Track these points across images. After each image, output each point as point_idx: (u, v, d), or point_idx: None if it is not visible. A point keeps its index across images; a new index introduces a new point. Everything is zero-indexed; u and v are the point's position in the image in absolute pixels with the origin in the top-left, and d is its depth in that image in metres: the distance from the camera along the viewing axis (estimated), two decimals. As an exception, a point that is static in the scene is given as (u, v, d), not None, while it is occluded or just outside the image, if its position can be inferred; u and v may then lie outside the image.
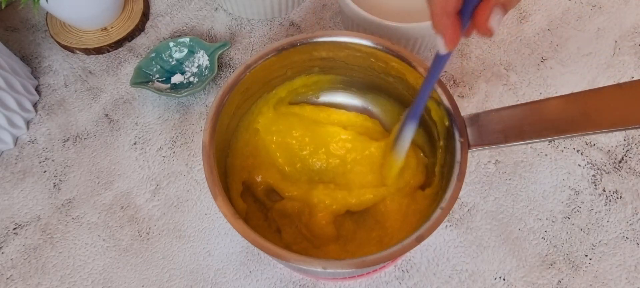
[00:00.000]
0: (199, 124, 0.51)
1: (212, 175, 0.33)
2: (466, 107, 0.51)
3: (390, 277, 0.43)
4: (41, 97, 0.53)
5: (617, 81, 0.52)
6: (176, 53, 0.54)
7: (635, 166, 0.47)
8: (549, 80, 0.53)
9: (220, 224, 0.46)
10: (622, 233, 0.44)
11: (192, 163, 0.49)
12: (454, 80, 0.53)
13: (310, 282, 0.43)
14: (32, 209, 0.47)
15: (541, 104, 0.32)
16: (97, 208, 0.47)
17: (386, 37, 0.43)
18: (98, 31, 0.56)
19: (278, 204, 0.41)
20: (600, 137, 0.49)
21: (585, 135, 0.45)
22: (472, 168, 0.48)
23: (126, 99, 0.53)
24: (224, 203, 0.32)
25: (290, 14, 0.59)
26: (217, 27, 0.58)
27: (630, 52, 0.54)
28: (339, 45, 0.39)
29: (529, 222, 0.45)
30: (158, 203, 0.47)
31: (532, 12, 0.57)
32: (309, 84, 0.44)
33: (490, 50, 0.55)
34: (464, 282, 0.43)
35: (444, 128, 0.35)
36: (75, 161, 0.49)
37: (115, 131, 0.51)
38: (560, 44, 0.55)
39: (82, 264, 0.44)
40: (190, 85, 0.52)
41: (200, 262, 0.44)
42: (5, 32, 0.58)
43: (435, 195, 0.37)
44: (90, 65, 0.56)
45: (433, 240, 0.44)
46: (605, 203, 0.46)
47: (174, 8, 0.60)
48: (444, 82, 0.35)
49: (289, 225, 0.41)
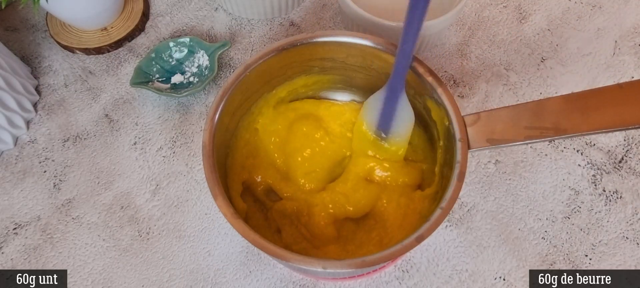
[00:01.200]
0: (199, 124, 0.51)
1: (212, 175, 0.33)
2: (466, 107, 0.51)
3: (390, 277, 0.43)
4: (41, 97, 0.53)
5: (617, 81, 0.52)
6: (176, 53, 0.54)
7: (635, 166, 0.47)
8: (549, 80, 0.53)
9: (220, 224, 0.46)
10: (622, 233, 0.44)
11: (192, 163, 0.49)
12: (454, 80, 0.53)
13: (310, 282, 0.43)
14: (32, 209, 0.47)
15: (541, 104, 0.32)
16: (97, 208, 0.47)
17: (386, 37, 0.43)
18: (98, 31, 0.56)
19: (277, 204, 0.41)
20: (600, 137, 0.49)
21: (585, 135, 0.45)
22: (472, 168, 0.48)
23: (126, 99, 0.53)
24: (224, 203, 0.32)
25: (290, 14, 0.59)
26: (217, 27, 0.58)
27: (630, 52, 0.54)
28: (339, 45, 0.39)
29: (529, 222, 0.45)
30: (158, 203, 0.47)
31: (532, 12, 0.57)
32: (309, 84, 0.44)
33: (490, 50, 0.55)
34: (464, 282, 0.43)
35: (444, 128, 0.35)
36: (75, 161, 0.49)
37: (115, 131, 0.51)
38: (560, 44, 0.55)
39: (82, 264, 0.44)
40: (190, 85, 0.52)
41: (200, 262, 0.44)
42: (5, 32, 0.58)
43: (435, 195, 0.37)
44: (90, 65, 0.56)
45: (433, 240, 0.44)
46: (605, 203, 0.46)
47: (174, 8, 0.60)
48: (444, 82, 0.35)
49: (288, 225, 0.40)
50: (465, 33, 0.56)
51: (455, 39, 0.56)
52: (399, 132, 0.40)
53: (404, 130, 0.40)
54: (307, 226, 0.40)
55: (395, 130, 0.40)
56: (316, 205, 0.40)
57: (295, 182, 0.42)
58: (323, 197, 0.40)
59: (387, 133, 0.40)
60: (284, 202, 0.41)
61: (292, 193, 0.41)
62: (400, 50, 0.33)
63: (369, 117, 0.41)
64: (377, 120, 0.40)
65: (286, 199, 0.41)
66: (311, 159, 0.42)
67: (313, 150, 0.42)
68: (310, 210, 0.40)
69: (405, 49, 0.33)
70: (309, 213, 0.40)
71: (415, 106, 0.40)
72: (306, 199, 0.41)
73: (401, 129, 0.40)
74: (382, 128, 0.40)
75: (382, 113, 0.39)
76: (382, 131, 0.40)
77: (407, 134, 0.40)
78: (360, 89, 0.45)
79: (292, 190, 0.41)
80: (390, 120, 0.39)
